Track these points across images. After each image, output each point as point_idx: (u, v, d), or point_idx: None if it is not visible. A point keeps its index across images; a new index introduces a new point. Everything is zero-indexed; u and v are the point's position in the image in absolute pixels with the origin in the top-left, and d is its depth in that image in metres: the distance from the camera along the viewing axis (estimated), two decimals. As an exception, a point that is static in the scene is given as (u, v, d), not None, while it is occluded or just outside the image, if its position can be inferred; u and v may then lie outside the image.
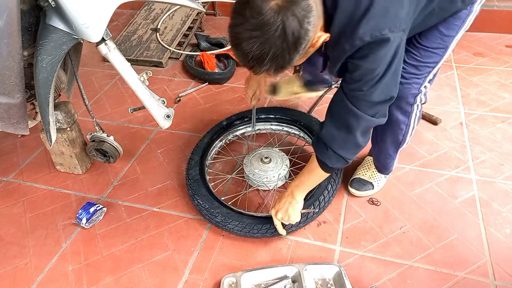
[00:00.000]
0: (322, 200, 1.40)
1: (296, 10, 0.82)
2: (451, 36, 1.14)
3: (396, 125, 1.30)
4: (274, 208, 1.30)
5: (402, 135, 1.34)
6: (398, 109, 1.24)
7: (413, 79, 1.19)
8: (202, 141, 1.66)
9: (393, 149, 1.41)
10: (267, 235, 1.35)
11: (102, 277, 1.31)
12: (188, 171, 1.53)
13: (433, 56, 1.17)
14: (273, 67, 0.88)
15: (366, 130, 1.10)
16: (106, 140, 1.53)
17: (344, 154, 1.13)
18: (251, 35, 0.82)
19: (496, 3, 2.59)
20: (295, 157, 1.65)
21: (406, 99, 1.21)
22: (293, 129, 1.76)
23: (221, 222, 1.36)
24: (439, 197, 1.50)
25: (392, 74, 0.97)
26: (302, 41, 0.85)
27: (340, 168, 1.23)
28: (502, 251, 1.30)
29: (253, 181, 1.54)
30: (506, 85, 2.08)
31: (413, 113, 1.27)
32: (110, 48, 1.21)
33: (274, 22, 0.81)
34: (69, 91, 1.57)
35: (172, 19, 2.75)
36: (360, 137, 1.09)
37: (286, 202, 1.27)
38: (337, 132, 1.09)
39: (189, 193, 1.49)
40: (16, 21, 1.03)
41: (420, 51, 1.16)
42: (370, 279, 1.25)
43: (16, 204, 1.60)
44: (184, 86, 2.27)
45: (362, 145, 1.13)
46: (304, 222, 1.36)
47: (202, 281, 1.28)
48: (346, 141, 1.10)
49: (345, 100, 1.04)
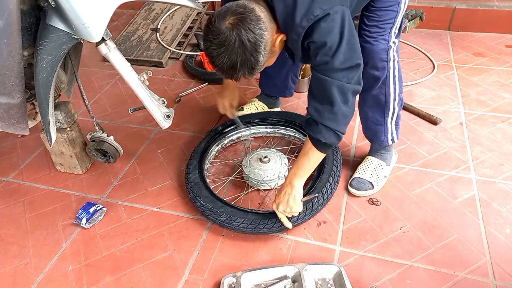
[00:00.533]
0: (325, 192, 1.41)
1: (245, 22, 1.02)
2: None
3: (375, 84, 1.37)
4: (275, 202, 1.32)
5: (384, 96, 1.40)
6: (373, 68, 1.32)
7: (378, 36, 1.29)
8: (199, 146, 1.67)
9: (379, 113, 1.45)
10: (273, 230, 1.35)
11: (102, 277, 1.31)
12: (187, 175, 1.53)
13: (390, 13, 1.28)
14: (246, 70, 1.08)
15: (345, 97, 1.16)
16: (106, 140, 1.53)
17: (333, 126, 1.19)
18: (218, 52, 1.05)
19: (496, 3, 2.59)
20: (293, 156, 1.66)
21: (379, 55, 1.30)
22: (287, 131, 1.79)
23: (226, 221, 1.36)
24: (439, 197, 1.50)
25: (347, 43, 1.08)
26: (259, 43, 1.05)
27: (335, 144, 1.28)
28: (502, 251, 1.30)
29: (254, 181, 1.54)
30: (506, 85, 2.08)
31: (390, 71, 1.35)
32: (110, 48, 1.21)
33: (231, 37, 1.02)
34: (69, 91, 1.57)
35: (172, 19, 2.75)
36: (343, 105, 1.16)
37: (286, 193, 1.29)
38: (321, 106, 1.19)
39: (190, 196, 1.48)
40: (16, 21, 1.03)
41: (376, 12, 1.28)
42: (370, 279, 1.25)
43: (16, 204, 1.60)
44: (184, 86, 2.27)
45: (348, 114, 1.19)
46: (309, 215, 1.37)
47: (202, 281, 1.28)
48: (331, 112, 1.17)
49: (316, 74, 1.16)
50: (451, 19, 2.64)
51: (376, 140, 1.54)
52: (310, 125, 1.24)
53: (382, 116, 1.46)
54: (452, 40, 2.55)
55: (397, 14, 1.29)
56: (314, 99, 1.21)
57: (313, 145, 1.25)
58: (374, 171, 1.53)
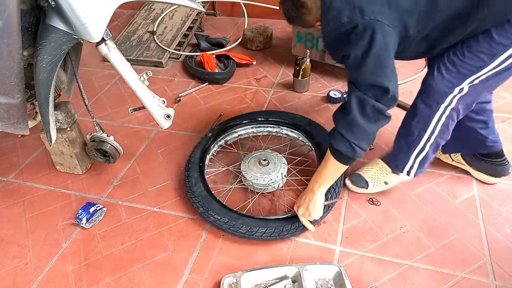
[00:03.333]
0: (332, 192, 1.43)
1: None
2: (502, 44, 1.09)
3: (414, 116, 1.29)
4: (296, 205, 1.35)
5: (418, 131, 1.30)
6: (422, 100, 1.25)
7: (448, 75, 1.18)
8: (194, 156, 1.61)
9: (405, 142, 1.36)
10: (296, 233, 1.36)
11: (102, 277, 1.31)
12: (191, 189, 1.47)
13: (476, 60, 1.13)
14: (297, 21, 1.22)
15: (363, 109, 1.13)
16: (106, 140, 1.53)
17: (348, 137, 1.17)
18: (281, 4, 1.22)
19: (496, 3, 2.58)
20: (287, 154, 1.67)
21: (434, 93, 1.21)
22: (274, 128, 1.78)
23: (247, 233, 1.32)
24: (439, 197, 1.50)
25: (374, 61, 1.08)
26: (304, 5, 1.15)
27: (351, 156, 1.21)
28: (502, 251, 1.30)
29: (257, 186, 1.51)
30: (506, 85, 2.08)
31: (438, 113, 1.24)
32: (110, 48, 1.21)
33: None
34: (69, 91, 1.57)
35: (172, 19, 2.75)
36: (360, 117, 1.14)
37: (307, 199, 1.32)
38: (340, 112, 1.21)
39: (199, 210, 1.41)
40: (16, 21, 1.03)
41: (463, 50, 1.14)
42: (370, 279, 1.25)
43: (16, 204, 1.60)
44: (184, 86, 2.27)
45: (367, 129, 1.16)
46: (327, 211, 1.39)
47: (202, 281, 1.28)
48: (346, 120, 1.17)
49: None
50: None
51: (392, 161, 1.46)
52: (330, 132, 1.26)
53: (407, 146, 1.36)
54: (452, 40, 2.55)
55: (484, 65, 1.13)
56: (339, 106, 1.23)
57: (331, 152, 1.26)
58: (375, 173, 1.51)
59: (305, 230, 1.36)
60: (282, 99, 2.04)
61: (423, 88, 1.25)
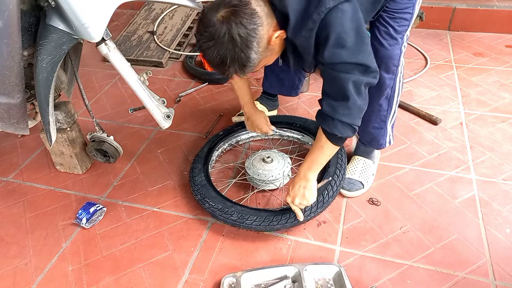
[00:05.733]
0: (333, 185, 1.43)
1: (238, 16, 0.97)
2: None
3: (383, 87, 1.35)
4: (289, 196, 1.32)
5: (388, 100, 1.40)
6: (385, 71, 1.31)
7: (393, 40, 1.28)
8: (202, 150, 1.65)
9: (382, 117, 1.44)
10: (287, 226, 1.35)
11: (102, 277, 1.31)
12: (193, 178, 1.51)
13: (406, 15, 1.27)
14: (237, 67, 1.03)
15: (359, 90, 1.12)
16: (106, 140, 1.53)
17: (350, 121, 1.16)
18: (208, 45, 1.00)
19: (496, 3, 2.59)
20: (295, 155, 1.66)
21: (392, 60, 1.30)
22: (286, 132, 1.79)
23: (238, 220, 1.34)
24: (439, 197, 1.50)
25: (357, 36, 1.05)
26: (252, 39, 1.00)
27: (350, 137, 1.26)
28: (502, 251, 1.30)
29: (258, 182, 1.53)
30: (506, 85, 2.08)
31: (398, 76, 1.35)
32: (110, 48, 1.21)
33: (221, 30, 0.97)
34: (69, 91, 1.57)
35: (172, 19, 2.75)
36: (358, 98, 1.13)
37: (301, 187, 1.29)
38: (336, 102, 1.15)
39: (197, 198, 1.45)
40: (16, 21, 1.03)
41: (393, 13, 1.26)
42: (370, 279, 1.25)
43: (16, 204, 1.60)
44: (184, 86, 2.27)
45: (363, 106, 1.16)
46: (321, 207, 1.38)
47: (202, 281, 1.28)
48: (346, 107, 1.13)
49: (328, 71, 1.12)
50: (451, 19, 2.64)
51: (374, 143, 1.53)
52: (324, 120, 1.19)
53: (384, 120, 1.45)
54: (452, 40, 2.55)
55: (412, 16, 1.27)
56: (328, 96, 1.16)
57: (328, 139, 1.21)
58: (362, 170, 1.53)
59: (297, 224, 1.35)
60: (282, 99, 2.04)
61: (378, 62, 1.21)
